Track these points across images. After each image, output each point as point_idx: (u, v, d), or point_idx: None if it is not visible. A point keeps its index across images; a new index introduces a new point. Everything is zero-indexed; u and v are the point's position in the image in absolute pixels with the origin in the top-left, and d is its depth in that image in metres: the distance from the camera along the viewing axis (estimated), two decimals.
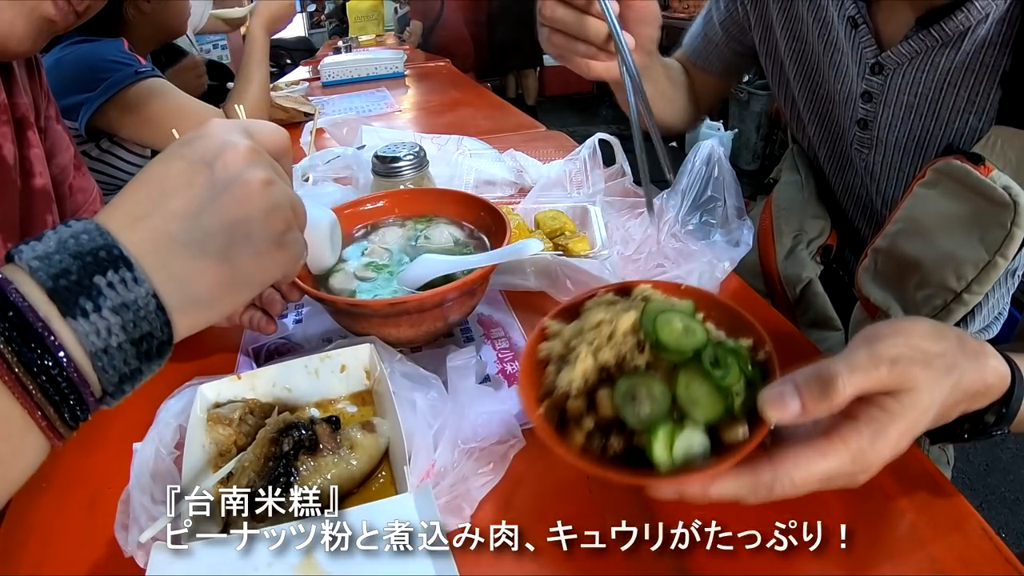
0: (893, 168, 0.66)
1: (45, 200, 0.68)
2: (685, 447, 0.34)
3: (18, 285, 0.26)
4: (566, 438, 0.37)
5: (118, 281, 0.27)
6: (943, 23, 0.55)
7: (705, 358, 0.36)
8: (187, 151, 0.33)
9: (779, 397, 0.34)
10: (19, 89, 0.66)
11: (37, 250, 0.27)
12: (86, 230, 0.29)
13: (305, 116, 1.43)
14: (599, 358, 0.37)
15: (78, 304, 0.26)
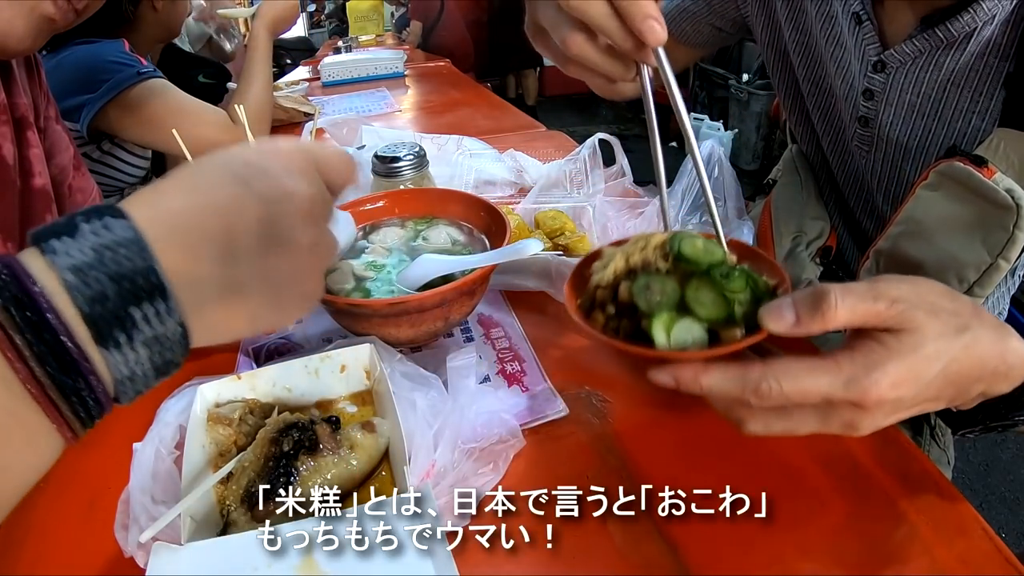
0: (895, 167, 0.65)
1: (44, 200, 0.68)
2: (683, 334, 0.37)
3: (54, 301, 0.25)
4: (591, 319, 0.42)
5: (152, 314, 0.27)
6: (948, 24, 0.55)
7: (716, 270, 0.39)
8: (250, 178, 0.30)
9: (776, 308, 0.35)
10: (19, 89, 0.66)
11: (73, 255, 0.25)
12: (126, 242, 0.26)
13: (305, 116, 1.43)
14: (630, 261, 0.42)
15: (112, 335, 0.26)
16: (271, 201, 0.30)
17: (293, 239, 0.31)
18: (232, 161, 0.31)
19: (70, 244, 0.26)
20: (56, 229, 0.26)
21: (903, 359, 0.34)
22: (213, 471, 0.42)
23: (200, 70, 1.69)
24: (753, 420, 0.36)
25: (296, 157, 0.33)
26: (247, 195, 0.30)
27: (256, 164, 0.31)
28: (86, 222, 0.26)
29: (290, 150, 0.33)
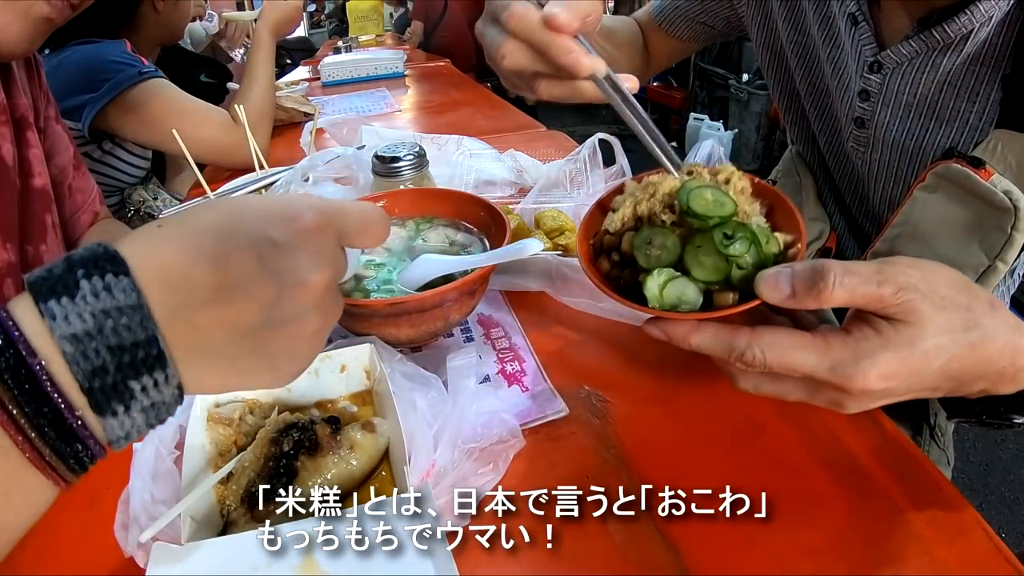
0: (891, 168, 0.65)
1: (44, 200, 0.68)
2: (677, 293, 0.38)
3: (53, 373, 0.25)
4: (596, 263, 0.43)
5: (151, 385, 0.26)
6: (945, 25, 0.55)
7: (720, 231, 0.38)
8: (271, 260, 0.28)
9: (773, 277, 0.35)
10: (18, 89, 0.66)
11: (72, 322, 0.24)
12: (127, 309, 0.25)
13: (305, 116, 1.43)
14: (637, 210, 0.41)
15: (110, 406, 0.26)
16: (286, 285, 0.29)
17: (298, 324, 0.30)
18: (257, 235, 0.28)
19: (69, 308, 0.25)
20: (54, 284, 0.25)
21: (897, 352, 0.33)
22: (213, 471, 0.42)
23: (202, 69, 1.69)
24: (744, 379, 0.37)
25: (326, 241, 0.30)
26: (263, 276, 0.28)
27: (282, 245, 0.28)
28: (86, 278, 0.25)
29: (322, 229, 0.30)
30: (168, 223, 0.28)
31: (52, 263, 0.26)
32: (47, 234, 0.68)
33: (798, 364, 0.34)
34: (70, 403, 0.25)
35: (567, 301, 0.64)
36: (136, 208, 1.29)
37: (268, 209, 0.29)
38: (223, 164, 1.13)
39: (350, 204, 0.33)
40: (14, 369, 0.24)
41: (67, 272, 0.25)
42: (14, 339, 0.24)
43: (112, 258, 0.26)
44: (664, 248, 0.39)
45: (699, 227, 0.39)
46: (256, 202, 0.30)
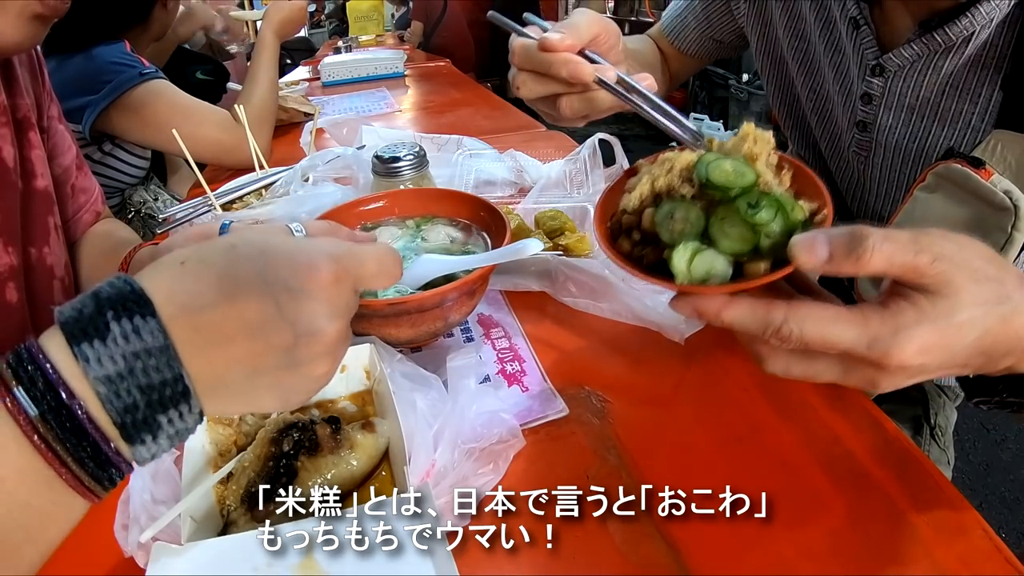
0: (893, 170, 0.66)
1: (47, 202, 0.67)
2: (705, 267, 0.35)
3: (90, 412, 0.27)
4: (617, 244, 0.40)
5: (177, 417, 0.29)
6: (946, 28, 0.55)
7: (744, 199, 0.36)
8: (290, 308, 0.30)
9: (809, 240, 0.33)
10: (20, 89, 0.66)
11: (105, 365, 0.27)
12: (155, 351, 0.28)
13: (305, 116, 1.43)
14: (655, 186, 0.39)
15: (140, 437, 0.28)
16: (302, 334, 0.30)
17: (311, 367, 0.32)
18: (277, 284, 0.30)
19: (102, 351, 0.27)
20: (85, 326, 0.27)
21: (934, 325, 0.32)
22: (213, 471, 0.42)
23: (197, 66, 1.69)
24: (774, 359, 0.35)
25: (343, 292, 0.32)
26: (281, 323, 0.30)
27: (300, 295, 0.30)
28: (116, 320, 0.27)
29: (339, 280, 0.32)
30: (191, 261, 0.30)
31: (81, 300, 0.28)
32: (49, 236, 0.67)
33: (836, 338, 0.32)
34: (105, 435, 0.28)
35: (567, 301, 0.64)
36: (137, 209, 1.30)
37: (289, 257, 0.30)
38: (224, 164, 1.13)
39: (367, 250, 0.34)
40: (56, 410, 0.27)
41: (97, 313, 0.27)
42: (53, 382, 0.27)
43: (138, 299, 0.28)
44: (687, 221, 0.37)
45: (720, 198, 0.37)
46: (278, 249, 0.31)
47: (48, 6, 0.54)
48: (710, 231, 0.36)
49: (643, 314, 0.59)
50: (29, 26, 0.54)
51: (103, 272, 0.72)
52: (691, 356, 0.57)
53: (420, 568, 0.34)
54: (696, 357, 0.57)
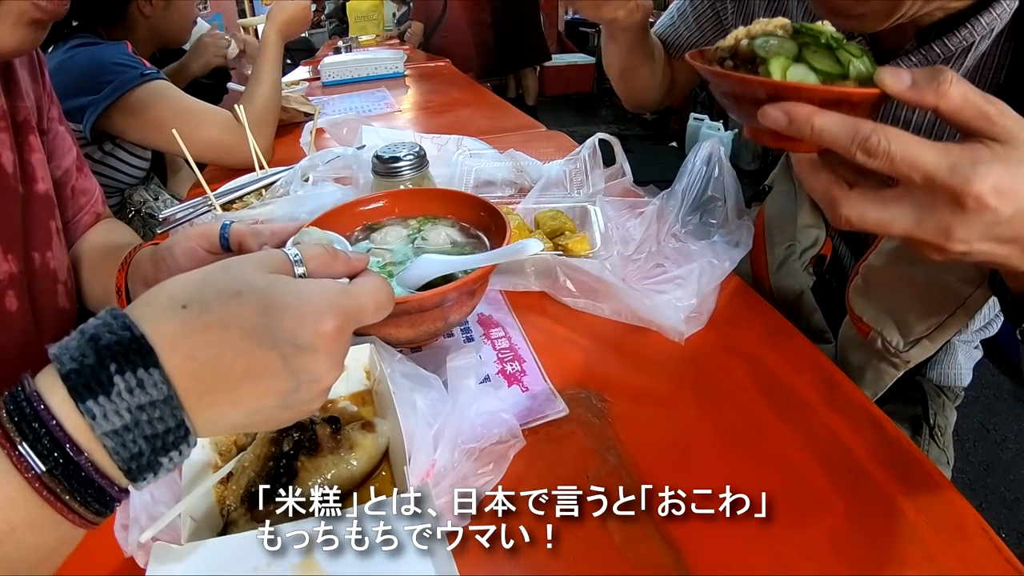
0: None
1: (47, 206, 0.67)
2: (799, 76, 0.36)
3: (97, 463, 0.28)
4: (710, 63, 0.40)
5: (178, 456, 0.30)
6: (946, 39, 0.54)
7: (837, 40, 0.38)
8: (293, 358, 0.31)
9: (894, 69, 0.34)
10: (20, 92, 0.66)
11: (111, 420, 0.27)
12: (160, 403, 0.28)
13: (305, 116, 1.43)
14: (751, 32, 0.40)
15: (143, 477, 0.29)
16: (303, 382, 0.31)
17: (308, 406, 0.33)
18: (281, 338, 0.30)
19: (107, 407, 0.27)
20: (88, 381, 0.27)
21: (1008, 166, 0.33)
22: (213, 471, 0.42)
23: None
24: (849, 204, 0.35)
25: (343, 342, 0.33)
26: (284, 374, 0.31)
27: (304, 349, 0.31)
28: (120, 374, 0.27)
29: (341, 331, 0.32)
30: (193, 305, 0.30)
31: (79, 347, 0.28)
32: (51, 240, 0.67)
33: (920, 158, 0.33)
34: (111, 479, 0.29)
35: (567, 301, 0.64)
36: (137, 209, 1.29)
37: (295, 311, 0.31)
38: (225, 164, 1.13)
39: (364, 291, 0.35)
40: (63, 466, 0.28)
41: (99, 366, 0.28)
42: (60, 440, 0.27)
43: (141, 348, 0.28)
44: (782, 47, 0.38)
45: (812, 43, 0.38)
46: (283, 301, 0.31)
47: (45, 10, 0.54)
48: (804, 57, 0.37)
49: (643, 314, 0.59)
50: (27, 30, 0.54)
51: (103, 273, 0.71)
52: (691, 356, 0.57)
53: (420, 568, 0.34)
54: (696, 357, 0.57)
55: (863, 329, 0.59)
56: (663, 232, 0.70)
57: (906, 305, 0.55)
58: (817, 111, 0.34)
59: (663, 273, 0.66)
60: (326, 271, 0.36)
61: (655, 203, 0.72)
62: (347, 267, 0.38)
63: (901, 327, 0.55)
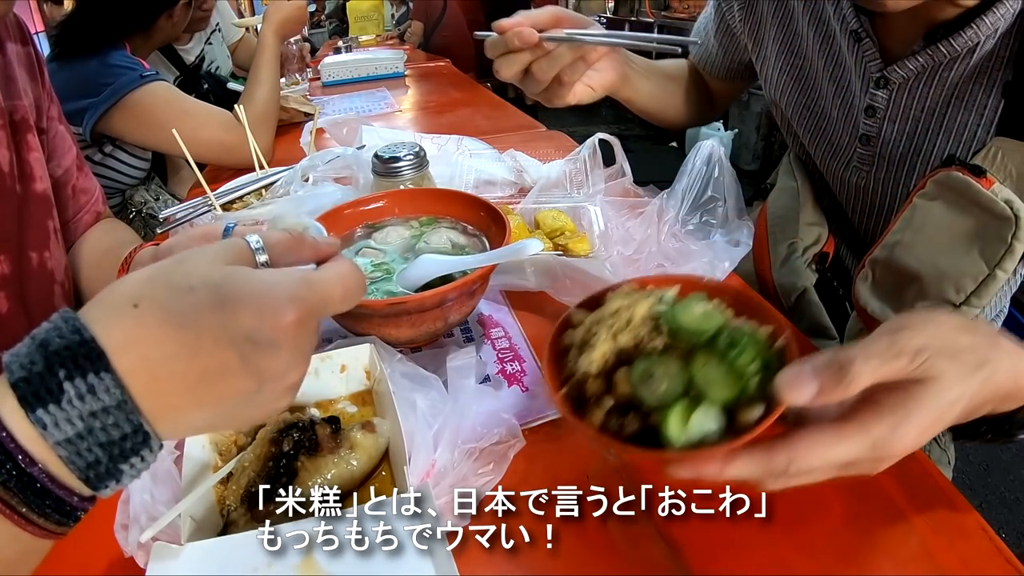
0: (896, 182, 0.65)
1: (46, 206, 0.67)
2: (700, 425, 0.35)
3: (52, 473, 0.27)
4: (586, 418, 0.37)
5: (139, 462, 0.28)
6: (951, 39, 0.54)
7: (721, 340, 0.36)
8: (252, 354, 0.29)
9: (795, 378, 0.34)
10: (18, 90, 0.66)
11: (63, 428, 0.26)
12: (113, 409, 0.27)
13: (305, 116, 1.43)
14: (618, 341, 0.38)
15: (104, 484, 0.28)
16: (266, 380, 0.30)
17: (274, 405, 0.32)
18: (238, 335, 0.28)
19: (58, 415, 0.26)
20: (37, 389, 0.26)
21: (928, 410, 0.34)
22: (213, 471, 0.42)
23: None
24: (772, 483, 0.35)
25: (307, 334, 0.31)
26: (244, 372, 0.29)
27: (263, 345, 0.29)
28: (69, 380, 0.26)
29: (302, 323, 0.30)
30: (145, 303, 0.28)
31: (29, 353, 0.26)
32: (49, 240, 0.67)
33: (841, 457, 0.34)
34: (69, 489, 0.28)
35: (567, 301, 0.64)
36: (138, 209, 1.30)
37: (252, 305, 0.29)
38: (226, 164, 1.13)
39: (330, 277, 0.33)
40: (17, 477, 0.26)
41: (48, 372, 0.26)
42: (12, 452, 0.26)
43: (90, 352, 0.26)
44: (670, 378, 0.36)
45: (695, 344, 0.37)
46: (240, 295, 0.29)
47: None
48: (695, 382, 0.36)
49: None
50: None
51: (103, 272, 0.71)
52: None
53: (420, 568, 0.34)
54: None
55: (868, 322, 0.59)
56: (663, 232, 0.70)
57: (910, 298, 0.55)
58: (727, 464, 0.34)
59: (663, 273, 0.66)
60: (291, 258, 0.34)
61: (655, 203, 0.72)
62: (314, 253, 0.35)
63: None
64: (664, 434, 0.34)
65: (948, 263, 0.52)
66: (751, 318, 0.40)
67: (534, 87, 0.63)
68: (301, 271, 0.32)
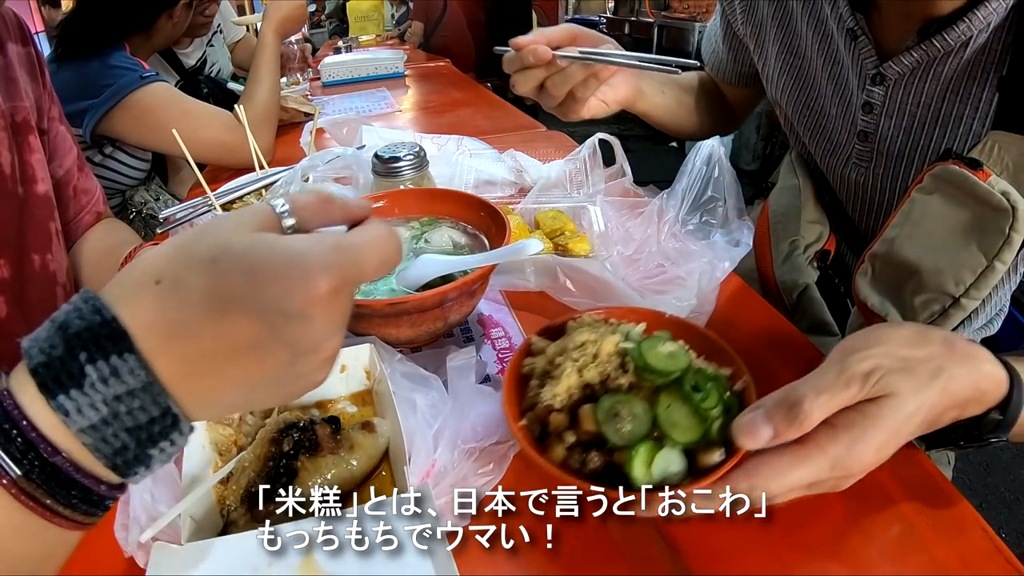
0: (895, 178, 0.66)
1: (47, 207, 0.67)
2: (663, 466, 0.36)
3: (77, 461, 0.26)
4: (547, 451, 0.39)
5: (169, 445, 0.27)
6: (945, 33, 0.55)
7: (686, 383, 0.38)
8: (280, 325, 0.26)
9: (751, 424, 0.36)
10: (19, 92, 0.65)
11: (86, 414, 0.25)
12: (139, 391, 0.25)
13: (305, 116, 1.43)
14: (584, 375, 0.39)
15: (134, 471, 0.27)
16: (299, 353, 0.28)
17: (308, 378, 0.30)
18: (268, 307, 0.26)
19: (80, 400, 0.25)
20: (58, 374, 0.25)
21: (885, 427, 0.35)
22: (213, 471, 0.42)
23: None
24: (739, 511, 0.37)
25: (341, 303, 0.28)
26: (275, 346, 0.27)
27: (295, 317, 0.26)
28: (91, 363, 0.25)
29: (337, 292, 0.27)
30: (167, 279, 0.26)
31: (48, 336, 0.25)
32: (51, 242, 0.67)
33: (802, 480, 0.35)
34: (96, 477, 0.26)
35: (567, 301, 0.64)
36: (138, 209, 1.30)
37: (282, 275, 0.26)
38: (227, 164, 1.13)
39: (365, 242, 0.30)
40: (40, 468, 0.25)
41: (69, 356, 0.25)
42: (33, 442, 0.25)
43: (112, 333, 0.25)
44: (634, 418, 0.37)
45: (660, 384, 0.38)
46: (268, 264, 0.26)
47: None
48: (659, 422, 0.37)
49: None
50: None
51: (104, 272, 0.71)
52: None
53: (420, 568, 0.34)
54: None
55: (869, 316, 0.59)
56: (663, 232, 0.70)
57: (910, 292, 0.55)
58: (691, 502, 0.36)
59: (663, 273, 0.66)
60: (320, 221, 0.31)
61: (655, 203, 0.72)
62: (345, 214, 0.32)
63: (905, 313, 0.56)
64: (628, 474, 0.36)
65: (947, 256, 0.53)
66: (711, 359, 0.43)
67: (549, 102, 0.66)
68: (332, 237, 0.29)
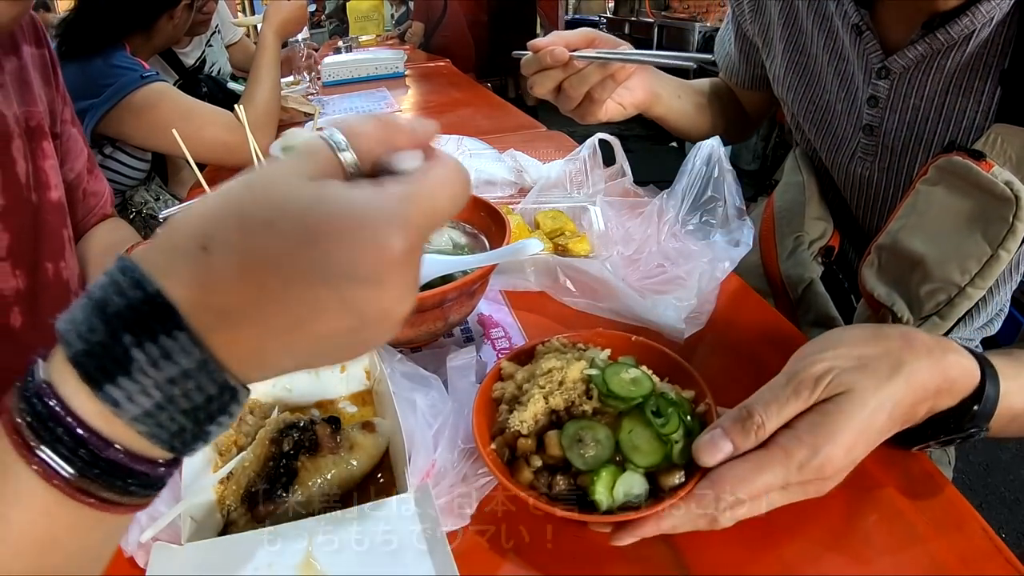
0: (899, 171, 0.66)
1: (60, 214, 0.66)
2: (625, 489, 0.37)
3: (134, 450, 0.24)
4: (515, 474, 0.40)
5: (227, 419, 0.25)
6: (948, 27, 0.56)
7: (647, 408, 0.40)
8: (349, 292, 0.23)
9: (710, 443, 0.37)
10: (34, 97, 0.65)
11: (138, 402, 0.23)
12: (192, 371, 0.23)
13: (305, 116, 1.43)
14: (550, 402, 0.41)
15: (192, 448, 0.25)
16: (369, 321, 0.24)
17: (376, 341, 0.27)
18: (336, 274, 0.23)
19: (130, 387, 0.22)
20: (103, 361, 0.22)
21: (849, 425, 0.36)
22: (213, 471, 0.42)
23: None
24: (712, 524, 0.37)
25: (415, 264, 0.26)
26: (344, 314, 0.24)
27: (366, 282, 0.23)
28: (137, 347, 0.22)
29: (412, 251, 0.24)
30: (216, 245, 0.23)
31: (87, 320, 0.23)
32: (64, 249, 0.66)
33: (769, 484, 0.36)
34: (154, 461, 0.25)
35: (567, 301, 0.64)
36: (138, 210, 1.30)
37: (349, 237, 0.23)
38: (228, 164, 1.13)
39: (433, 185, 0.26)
40: (93, 463, 0.23)
41: (112, 341, 0.22)
42: (82, 439, 0.23)
43: (158, 311, 0.22)
44: (598, 443, 0.39)
45: (623, 409, 0.40)
46: (332, 225, 0.23)
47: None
48: (621, 446, 0.39)
49: (643, 314, 0.59)
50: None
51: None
52: (691, 356, 0.57)
53: (420, 568, 0.34)
54: (696, 357, 0.57)
55: (875, 307, 0.60)
56: (663, 232, 0.70)
57: (915, 282, 0.55)
58: (660, 519, 0.36)
59: (663, 273, 0.66)
60: (382, 150, 0.26)
61: (655, 203, 0.72)
62: (411, 139, 0.27)
63: (911, 304, 0.56)
64: (591, 497, 0.37)
65: (952, 245, 0.53)
66: (675, 381, 0.44)
67: (567, 104, 0.67)
68: (399, 186, 0.25)
